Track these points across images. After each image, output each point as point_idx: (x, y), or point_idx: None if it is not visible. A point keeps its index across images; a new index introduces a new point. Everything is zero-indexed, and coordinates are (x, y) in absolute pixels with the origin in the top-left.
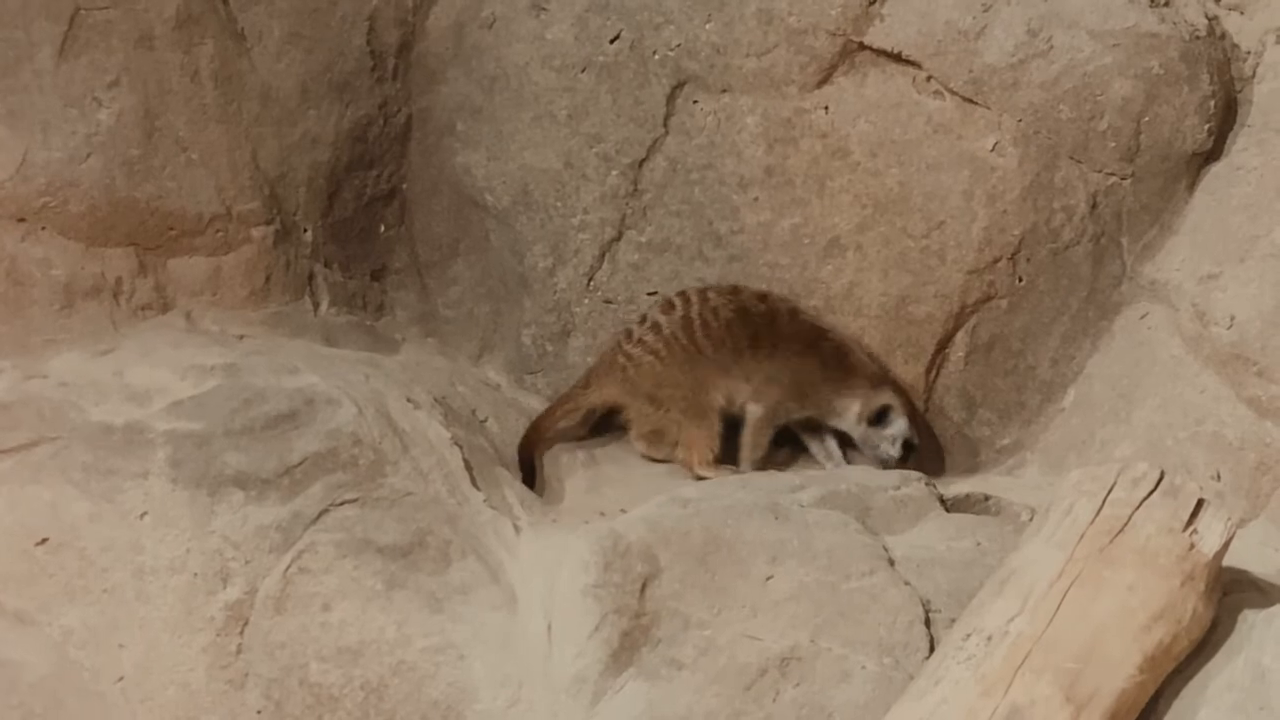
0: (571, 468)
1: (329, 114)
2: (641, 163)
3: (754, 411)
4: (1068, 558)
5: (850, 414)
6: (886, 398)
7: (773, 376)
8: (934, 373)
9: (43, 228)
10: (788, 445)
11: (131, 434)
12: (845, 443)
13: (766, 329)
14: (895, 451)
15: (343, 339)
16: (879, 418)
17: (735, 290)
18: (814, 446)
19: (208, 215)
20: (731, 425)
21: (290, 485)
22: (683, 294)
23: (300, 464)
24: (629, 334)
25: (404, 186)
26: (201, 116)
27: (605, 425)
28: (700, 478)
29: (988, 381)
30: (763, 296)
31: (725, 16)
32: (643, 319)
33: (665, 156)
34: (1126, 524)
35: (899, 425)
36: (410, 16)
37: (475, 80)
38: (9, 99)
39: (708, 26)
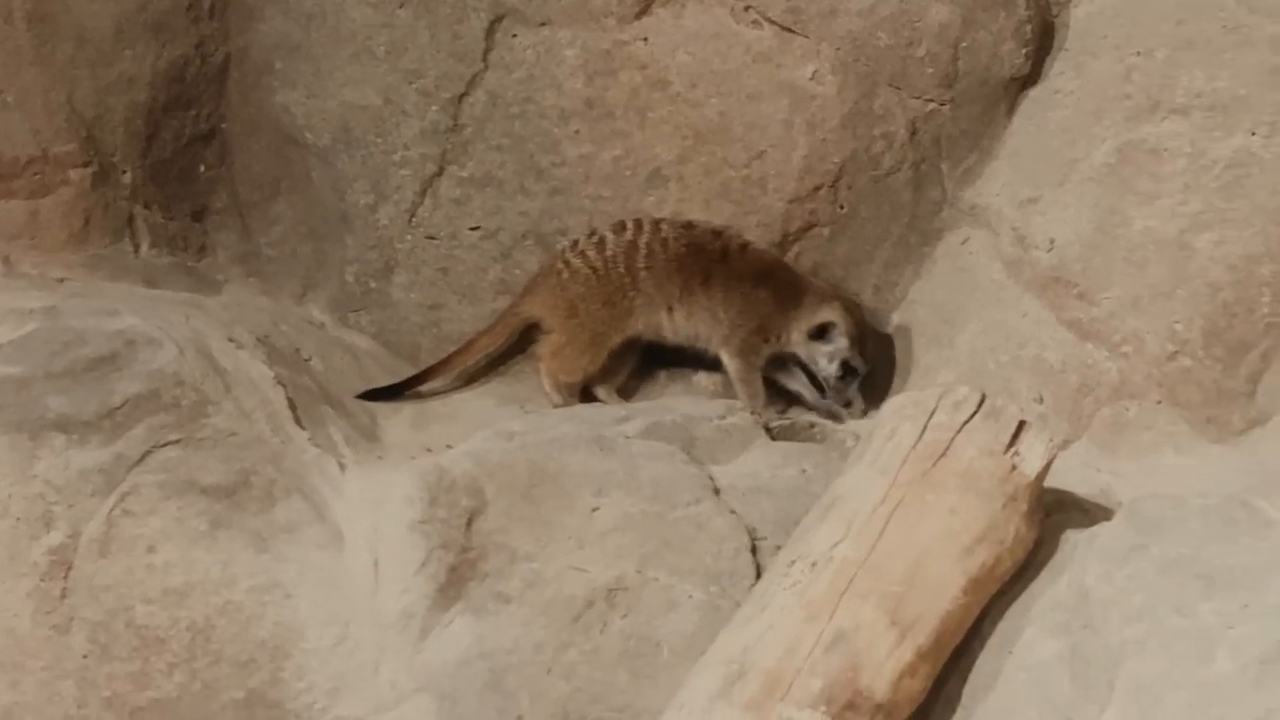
0: (397, 405)
1: (145, 54)
2: (461, 97)
3: (728, 358)
4: (890, 482)
5: (797, 331)
6: (831, 314)
7: (732, 314)
8: None
9: None
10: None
11: None
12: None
13: (720, 264)
14: (833, 370)
15: (164, 280)
16: (820, 333)
17: (690, 225)
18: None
19: (24, 158)
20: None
21: (112, 427)
22: (637, 220)
23: (122, 406)
24: (574, 244)
25: (223, 126)
26: (15, 59)
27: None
28: (553, 401)
29: None
30: (718, 232)
31: None
32: (591, 233)
33: (485, 91)
34: (948, 448)
35: (839, 344)
36: None
37: (293, 18)
38: None
39: None
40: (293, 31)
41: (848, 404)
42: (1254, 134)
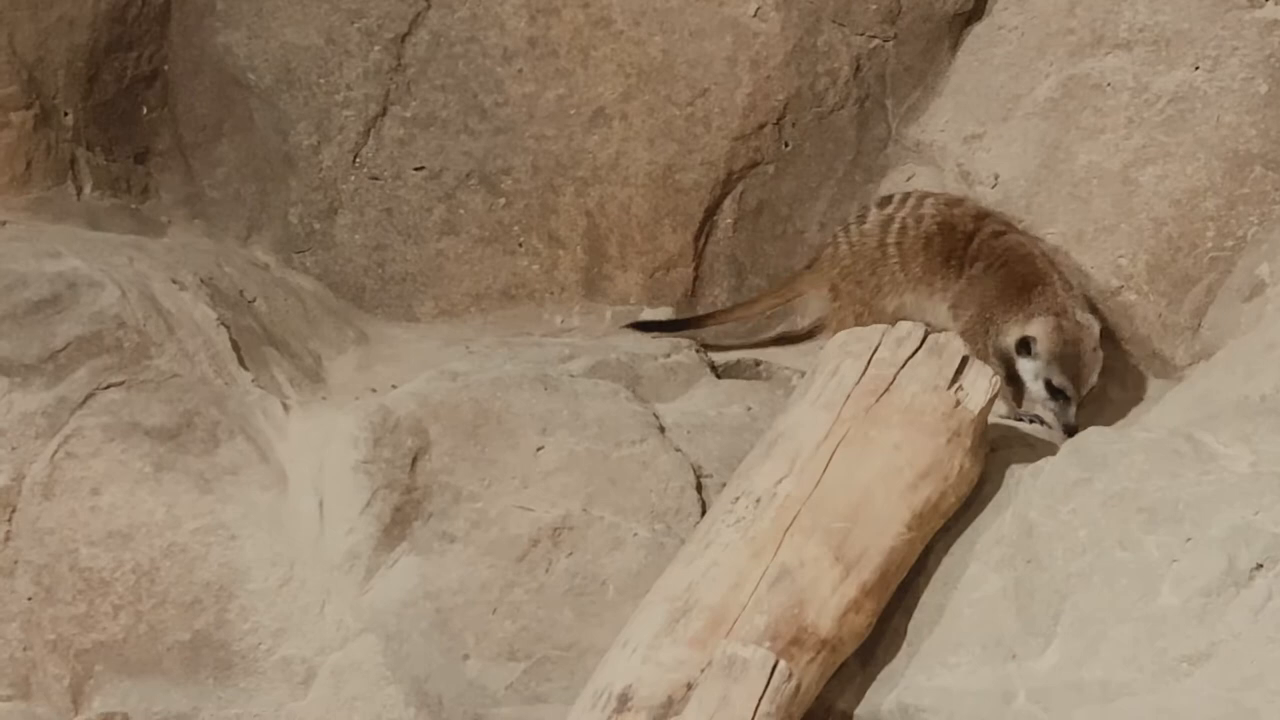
0: (342, 346)
1: None
2: (404, 37)
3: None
4: (834, 419)
5: (1010, 336)
6: (1035, 329)
7: (956, 295)
8: (703, 240)
9: None
10: None
11: None
12: None
13: (962, 248)
14: (1038, 388)
15: (107, 223)
16: (1024, 346)
17: (955, 202)
18: None
19: None
20: None
21: (55, 370)
22: (906, 193)
23: (64, 349)
24: (845, 220)
25: (165, 68)
26: None
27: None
28: None
29: (756, 247)
30: (981, 215)
31: None
32: (864, 206)
33: (428, 30)
34: (892, 383)
35: (1039, 362)
36: None
37: None
38: None
39: None
40: None
41: (1070, 430)
42: (1197, 68)
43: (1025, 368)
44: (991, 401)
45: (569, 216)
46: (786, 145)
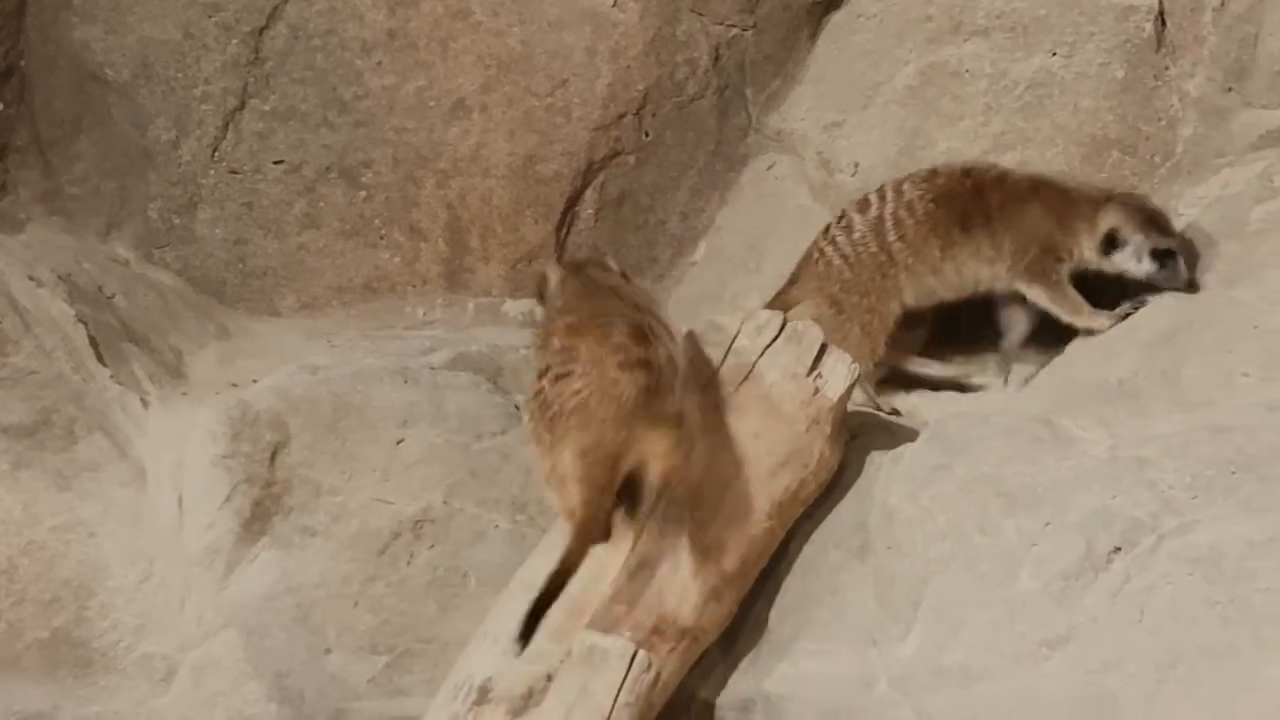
0: (203, 340)
1: None
2: (262, 30)
3: (1025, 287)
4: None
5: (1088, 249)
6: (1110, 219)
7: (1006, 246)
8: (565, 231)
9: None
10: None
11: None
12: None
13: (976, 202)
14: (1149, 267)
15: None
16: (1111, 243)
17: (933, 174)
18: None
19: None
20: None
21: None
22: (880, 190)
23: None
24: (826, 230)
25: (21, 63)
26: None
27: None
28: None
29: (619, 237)
30: (967, 171)
31: None
32: (840, 215)
33: (286, 23)
34: (750, 371)
35: (1136, 240)
36: None
37: None
38: None
39: None
40: None
41: (1190, 284)
42: (1054, 54)
43: (1125, 257)
44: (851, 389)
45: (430, 209)
46: (647, 135)
